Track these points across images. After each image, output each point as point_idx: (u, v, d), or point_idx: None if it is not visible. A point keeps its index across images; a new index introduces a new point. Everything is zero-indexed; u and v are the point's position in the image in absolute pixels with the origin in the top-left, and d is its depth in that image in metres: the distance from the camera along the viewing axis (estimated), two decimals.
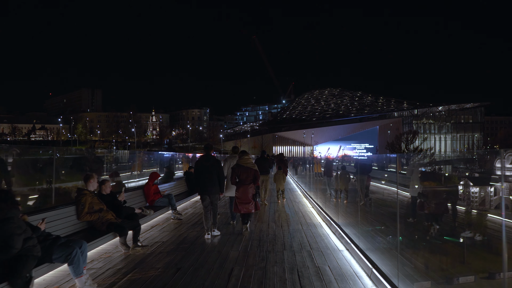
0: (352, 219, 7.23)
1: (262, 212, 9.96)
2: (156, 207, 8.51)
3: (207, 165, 6.94)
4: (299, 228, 7.62)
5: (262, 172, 11.33)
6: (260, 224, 8.08)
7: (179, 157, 19.03)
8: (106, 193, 6.24)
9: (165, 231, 7.44)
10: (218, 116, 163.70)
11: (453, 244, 4.18)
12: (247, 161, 7.32)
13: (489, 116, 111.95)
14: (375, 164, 8.71)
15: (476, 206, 3.88)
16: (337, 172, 9.64)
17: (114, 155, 14.01)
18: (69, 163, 8.89)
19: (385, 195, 7.07)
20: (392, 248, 4.95)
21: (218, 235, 6.97)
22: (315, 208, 10.33)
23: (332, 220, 7.66)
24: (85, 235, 5.53)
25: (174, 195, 11.79)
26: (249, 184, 7.18)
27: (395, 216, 4.39)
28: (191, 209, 10.48)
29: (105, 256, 5.54)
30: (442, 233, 4.43)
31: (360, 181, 7.17)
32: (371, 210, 6.95)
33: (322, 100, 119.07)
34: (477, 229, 3.89)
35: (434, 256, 4.55)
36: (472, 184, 3.94)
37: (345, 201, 8.37)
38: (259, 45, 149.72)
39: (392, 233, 5.00)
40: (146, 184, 8.68)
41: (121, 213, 6.04)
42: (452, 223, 4.34)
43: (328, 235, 6.98)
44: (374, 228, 6.11)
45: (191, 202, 12.04)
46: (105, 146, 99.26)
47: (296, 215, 9.40)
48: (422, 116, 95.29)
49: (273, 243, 6.32)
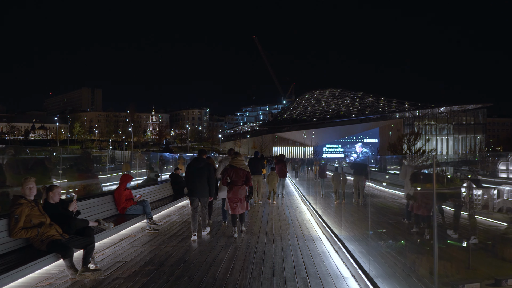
0: (358, 231, 6.03)
1: (254, 220, 8.76)
2: (128, 216, 7.30)
3: (198, 168, 6.98)
4: (294, 244, 6.40)
5: (255, 173, 11.52)
6: (249, 238, 6.86)
7: (171, 157, 17.77)
8: (55, 201, 5.03)
9: (135, 245, 6.24)
10: (219, 117, 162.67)
11: (458, 249, 3.84)
12: (239, 162, 7.25)
13: (490, 118, 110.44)
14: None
15: (467, 208, 3.76)
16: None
17: (96, 154, 12.79)
18: (29, 164, 7.67)
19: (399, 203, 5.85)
20: (412, 276, 3.78)
21: (208, 232, 7.23)
22: (313, 216, 9.11)
23: (333, 233, 6.43)
24: (19, 257, 4.34)
25: (158, 199, 10.61)
26: (241, 185, 7.14)
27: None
28: (174, 216, 9.27)
29: (44, 284, 4.34)
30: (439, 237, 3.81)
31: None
32: (384, 220, 5.70)
33: (322, 100, 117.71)
34: (472, 232, 3.69)
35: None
36: (471, 186, 3.76)
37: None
38: (259, 44, 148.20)
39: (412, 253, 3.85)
40: (117, 189, 7.46)
41: (70, 228, 4.83)
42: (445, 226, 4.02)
43: (329, 253, 5.75)
44: (389, 243, 4.88)
45: (176, 207, 10.85)
46: (104, 146, 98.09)
47: (292, 225, 8.18)
48: (423, 117, 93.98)
49: (260, 265, 5.09)
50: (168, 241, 6.56)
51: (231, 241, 6.57)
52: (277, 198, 13.52)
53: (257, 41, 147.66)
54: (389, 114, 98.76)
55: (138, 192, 8.14)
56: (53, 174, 6.89)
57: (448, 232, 3.90)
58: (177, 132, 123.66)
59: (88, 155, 13.12)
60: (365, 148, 68.52)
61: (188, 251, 5.86)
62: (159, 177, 12.36)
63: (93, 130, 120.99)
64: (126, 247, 6.11)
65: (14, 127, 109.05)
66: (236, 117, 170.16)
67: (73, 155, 11.74)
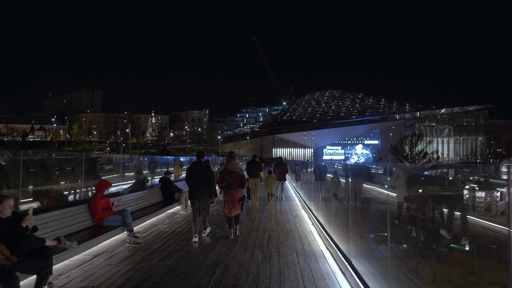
0: (365, 246, 5.19)
1: (249, 231, 7.91)
2: (106, 228, 6.45)
3: (197, 171, 7.07)
4: (293, 262, 5.53)
5: (253, 175, 11.76)
6: (242, 253, 6.00)
7: (164, 160, 16.88)
8: (5, 216, 4.18)
9: (110, 263, 5.39)
10: (218, 118, 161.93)
11: (461, 253, 3.66)
12: (234, 166, 7.34)
13: (491, 120, 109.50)
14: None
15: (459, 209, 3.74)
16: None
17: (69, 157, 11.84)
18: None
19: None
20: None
21: (209, 232, 7.37)
22: (315, 226, 8.26)
23: (339, 249, 5.57)
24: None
25: (146, 206, 9.75)
26: (236, 189, 7.25)
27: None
28: (162, 225, 8.42)
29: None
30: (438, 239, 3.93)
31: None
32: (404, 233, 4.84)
33: (323, 102, 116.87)
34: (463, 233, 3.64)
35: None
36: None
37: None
38: (258, 45, 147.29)
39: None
40: (93, 197, 6.60)
41: (21, 248, 3.98)
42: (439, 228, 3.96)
43: (335, 276, 4.89)
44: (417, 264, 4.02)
45: (166, 214, 10.01)
46: (102, 147, 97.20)
47: (291, 237, 7.32)
48: (424, 118, 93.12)
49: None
50: (149, 258, 5.71)
51: (221, 258, 5.72)
52: (275, 201, 12.95)
53: (256, 42, 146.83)
54: (390, 116, 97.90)
55: (121, 199, 7.28)
56: (13, 181, 6.03)
57: (441, 232, 3.82)
58: (176, 134, 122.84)
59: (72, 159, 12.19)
60: (365, 150, 68.50)
61: (169, 272, 5.00)
62: (149, 182, 11.49)
63: (92, 131, 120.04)
64: (98, 266, 5.26)
65: (13, 129, 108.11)
66: (236, 119, 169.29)
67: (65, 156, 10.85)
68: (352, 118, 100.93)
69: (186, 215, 9.98)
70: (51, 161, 8.48)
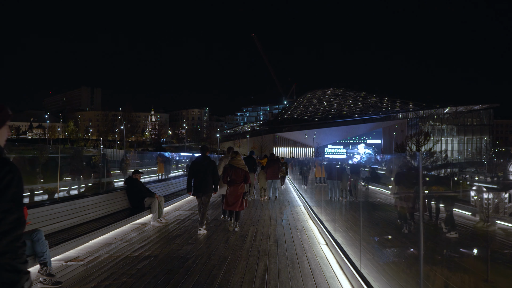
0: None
1: (236, 256, 5.51)
2: None
3: (202, 165, 7.17)
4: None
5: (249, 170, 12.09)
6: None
7: (131, 156, 14.41)
8: None
9: None
10: (219, 117, 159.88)
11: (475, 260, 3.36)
12: (239, 162, 7.51)
13: (495, 119, 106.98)
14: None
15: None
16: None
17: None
18: None
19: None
20: None
21: (204, 233, 6.99)
22: (331, 246, 5.85)
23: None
24: None
25: (98, 217, 7.33)
26: (239, 184, 7.38)
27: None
28: (117, 244, 6.01)
29: None
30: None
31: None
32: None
33: (324, 100, 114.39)
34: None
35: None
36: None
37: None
38: (258, 43, 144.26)
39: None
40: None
41: None
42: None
43: None
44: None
45: (132, 226, 7.62)
46: (98, 145, 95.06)
47: (299, 270, 4.91)
48: (428, 117, 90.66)
49: None
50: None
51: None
52: (273, 207, 10.89)
53: (256, 39, 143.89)
54: (393, 115, 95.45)
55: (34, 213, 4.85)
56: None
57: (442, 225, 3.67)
58: (176, 132, 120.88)
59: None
60: (368, 149, 66.38)
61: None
62: (113, 185, 9.09)
63: (89, 129, 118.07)
64: None
65: (11, 126, 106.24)
66: (237, 117, 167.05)
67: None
68: (355, 116, 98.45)
69: (159, 228, 7.60)
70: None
